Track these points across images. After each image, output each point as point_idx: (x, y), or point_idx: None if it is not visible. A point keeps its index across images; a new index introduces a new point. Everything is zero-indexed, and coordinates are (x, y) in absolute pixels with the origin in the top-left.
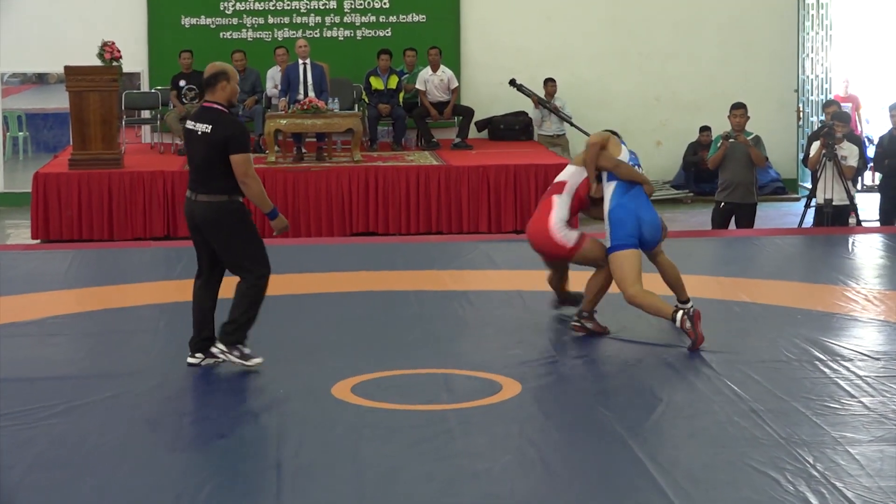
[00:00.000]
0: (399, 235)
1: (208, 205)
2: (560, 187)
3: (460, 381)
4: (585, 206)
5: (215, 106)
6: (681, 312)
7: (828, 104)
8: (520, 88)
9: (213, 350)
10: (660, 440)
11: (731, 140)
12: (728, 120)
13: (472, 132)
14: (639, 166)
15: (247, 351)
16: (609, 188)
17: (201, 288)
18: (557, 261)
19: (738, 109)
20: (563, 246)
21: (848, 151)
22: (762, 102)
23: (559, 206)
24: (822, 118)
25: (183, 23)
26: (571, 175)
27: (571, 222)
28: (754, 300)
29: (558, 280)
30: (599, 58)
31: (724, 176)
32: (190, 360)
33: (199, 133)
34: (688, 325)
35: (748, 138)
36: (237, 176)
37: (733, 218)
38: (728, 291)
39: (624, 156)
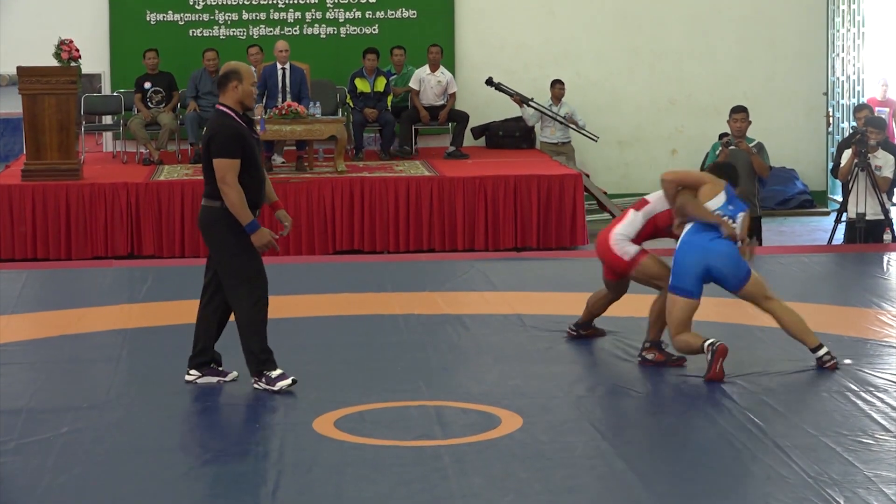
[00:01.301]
0: (387, 254)
1: (203, 209)
2: (641, 205)
3: (454, 414)
4: (661, 234)
5: (220, 107)
6: (707, 343)
7: (859, 108)
8: (498, 87)
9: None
10: (677, 481)
11: (731, 147)
12: (727, 125)
13: (468, 139)
14: (740, 212)
15: (273, 375)
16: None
17: (206, 302)
18: (615, 281)
19: (739, 113)
20: (620, 258)
21: (883, 161)
22: (787, 106)
23: (628, 222)
24: (854, 124)
25: (148, 19)
26: (657, 199)
27: (635, 241)
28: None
29: (600, 305)
30: (607, 56)
31: None
32: (186, 376)
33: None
34: (708, 357)
35: (750, 145)
36: (217, 180)
37: None
38: (749, 315)
39: (718, 201)
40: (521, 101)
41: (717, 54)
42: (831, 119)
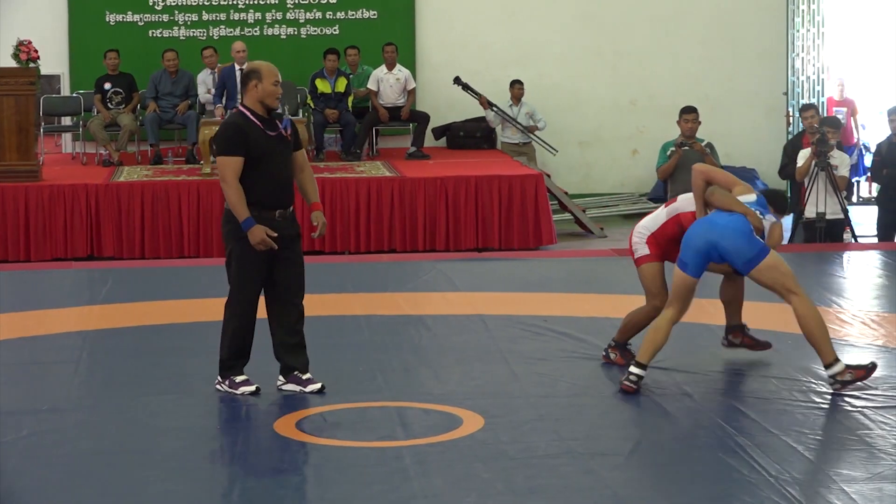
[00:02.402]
0: (348, 254)
1: (224, 210)
2: (669, 203)
3: (416, 415)
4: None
5: (239, 107)
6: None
7: (805, 108)
8: (465, 87)
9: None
10: (639, 480)
11: (685, 148)
12: (678, 125)
13: (429, 140)
14: (768, 215)
15: (238, 380)
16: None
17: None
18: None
19: (690, 114)
20: (631, 251)
21: (839, 160)
22: (748, 107)
23: (653, 216)
24: (802, 125)
25: (108, 20)
26: (684, 199)
27: (656, 238)
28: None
29: (732, 306)
30: (569, 57)
31: (674, 188)
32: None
33: None
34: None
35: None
36: (219, 178)
37: None
38: (708, 314)
39: (747, 199)
40: (488, 103)
41: (678, 55)
42: (791, 119)
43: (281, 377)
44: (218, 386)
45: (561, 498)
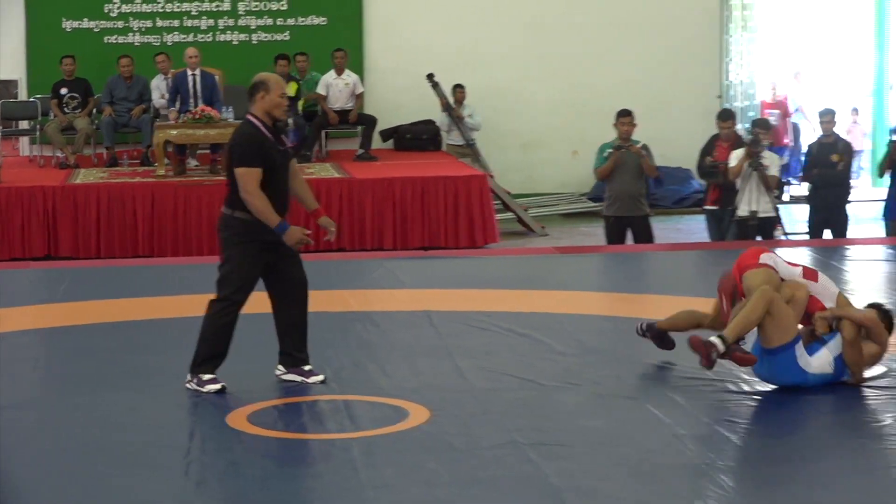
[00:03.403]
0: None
1: (221, 215)
2: (810, 274)
3: (364, 407)
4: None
5: (248, 117)
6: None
7: (724, 116)
8: (435, 86)
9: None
10: (578, 470)
11: (622, 150)
12: (615, 128)
13: (377, 142)
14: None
15: (205, 378)
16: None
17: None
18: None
19: (626, 117)
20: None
21: (769, 160)
22: (684, 109)
23: (788, 269)
24: (748, 126)
25: (64, 26)
26: (823, 288)
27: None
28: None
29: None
30: (513, 62)
31: (612, 189)
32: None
33: None
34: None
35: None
36: (239, 190)
37: (630, 233)
38: (649, 310)
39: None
40: (446, 108)
41: (617, 60)
42: None
43: (281, 367)
44: (187, 384)
45: (504, 487)
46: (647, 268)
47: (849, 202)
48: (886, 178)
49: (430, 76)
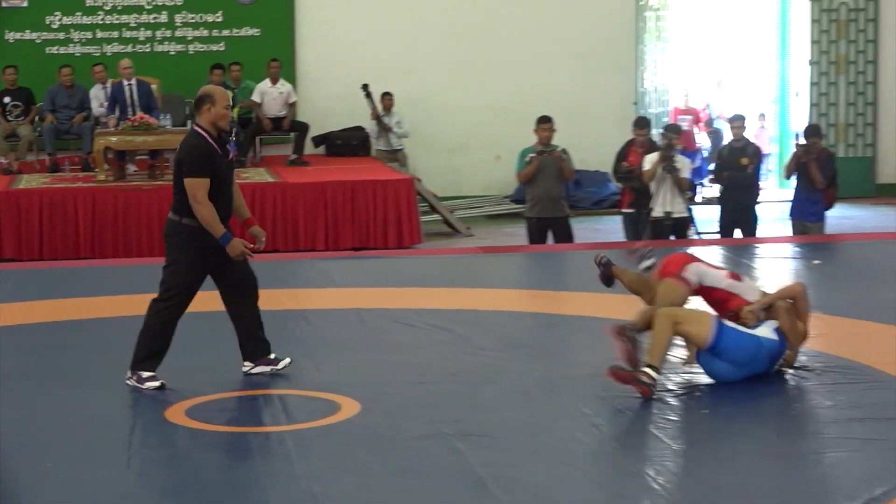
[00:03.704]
0: None
1: (168, 221)
2: (734, 276)
3: (298, 401)
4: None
5: (194, 127)
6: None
7: (640, 123)
8: (368, 96)
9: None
10: (501, 459)
11: (543, 155)
12: (535, 134)
13: (309, 148)
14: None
15: (145, 375)
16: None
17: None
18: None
19: (546, 123)
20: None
21: (681, 164)
22: (601, 115)
23: (714, 275)
24: (661, 132)
25: (7, 38)
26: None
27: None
28: (591, 314)
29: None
30: (439, 70)
31: (533, 191)
32: (244, 369)
33: None
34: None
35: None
36: (188, 198)
37: (550, 233)
38: (569, 306)
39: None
40: (376, 117)
41: (539, 67)
42: None
43: (248, 363)
44: (127, 381)
45: (431, 476)
46: (567, 266)
47: (757, 203)
48: (793, 180)
49: (365, 86)
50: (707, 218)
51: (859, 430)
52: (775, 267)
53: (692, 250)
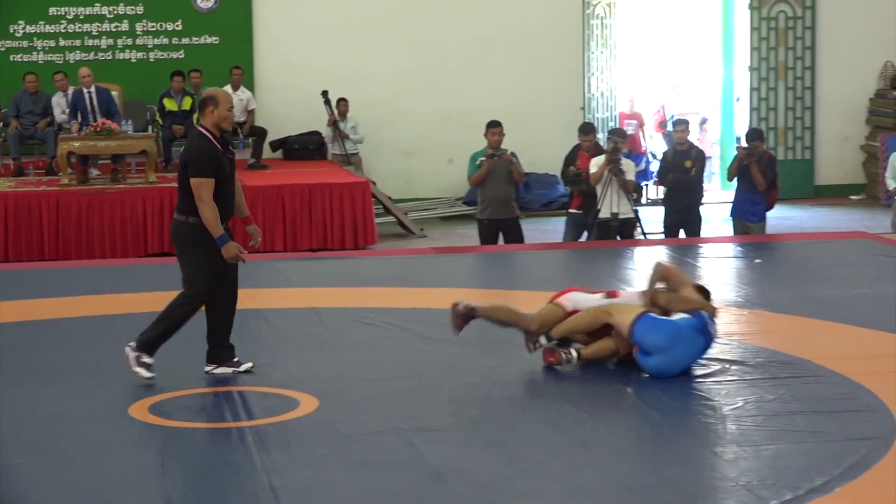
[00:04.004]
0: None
1: (172, 222)
2: (614, 294)
3: (258, 398)
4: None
5: (198, 128)
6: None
7: (586, 130)
8: (326, 102)
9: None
10: (456, 452)
11: (493, 158)
12: (485, 138)
13: (267, 152)
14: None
15: (148, 361)
16: None
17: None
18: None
19: (496, 127)
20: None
21: (626, 166)
22: (550, 119)
23: (593, 298)
24: (607, 135)
25: None
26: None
27: None
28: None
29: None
30: (392, 77)
31: (484, 194)
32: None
33: None
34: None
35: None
36: (194, 198)
37: (501, 234)
38: (520, 304)
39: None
40: (334, 123)
41: (489, 74)
42: None
43: (212, 364)
44: (128, 349)
45: (388, 469)
46: (518, 266)
47: (702, 204)
48: (735, 182)
49: (325, 93)
50: (652, 219)
51: (800, 422)
52: (718, 266)
53: (637, 250)
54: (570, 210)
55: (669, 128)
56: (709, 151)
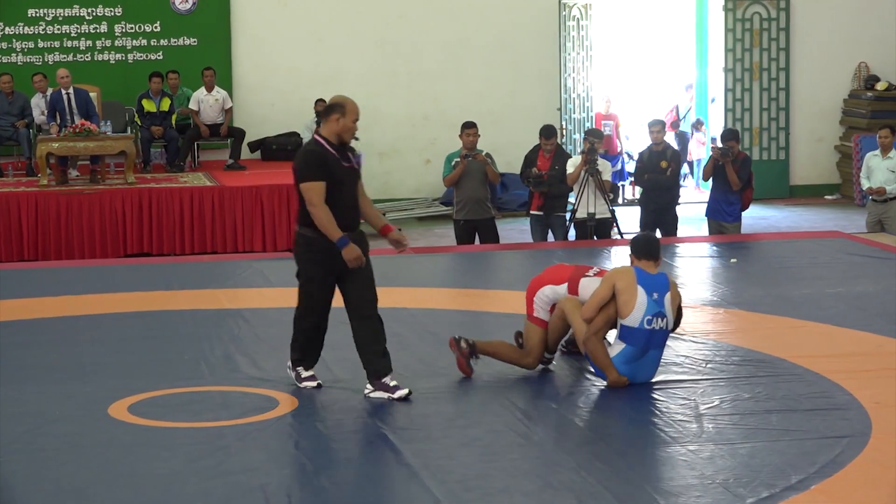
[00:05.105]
0: (174, 256)
1: (295, 234)
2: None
3: (237, 398)
4: None
5: (314, 136)
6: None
7: (548, 134)
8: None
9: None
10: (433, 451)
11: (468, 159)
12: (460, 139)
13: (245, 153)
14: (664, 294)
15: (305, 374)
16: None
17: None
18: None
19: (471, 129)
20: (531, 307)
21: (602, 167)
22: (527, 120)
23: (558, 291)
24: (584, 136)
25: None
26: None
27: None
28: (517, 311)
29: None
30: (369, 78)
31: (460, 194)
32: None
33: None
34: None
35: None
36: (306, 203)
37: (477, 234)
38: (496, 304)
39: (640, 307)
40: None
41: (465, 75)
42: (564, 131)
43: (369, 385)
44: (288, 370)
45: (366, 468)
46: (494, 266)
47: (678, 204)
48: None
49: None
50: (629, 219)
51: (776, 421)
52: (694, 265)
53: (614, 250)
54: (531, 211)
55: (683, 128)
56: (701, 152)
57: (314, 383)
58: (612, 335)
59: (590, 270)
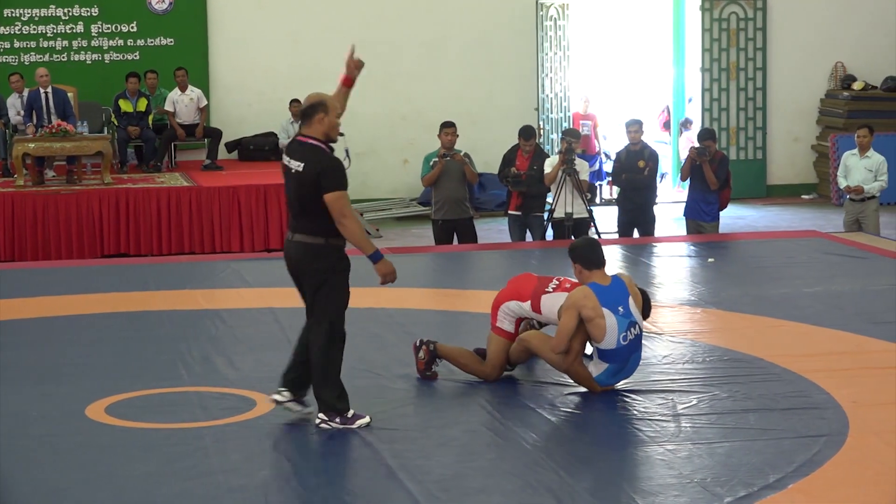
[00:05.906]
0: (151, 256)
1: (303, 246)
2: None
3: (214, 398)
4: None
5: (309, 140)
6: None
7: (527, 135)
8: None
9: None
10: (410, 451)
11: (446, 159)
12: (439, 139)
13: (222, 153)
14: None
15: (349, 415)
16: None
17: (304, 329)
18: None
19: (449, 128)
20: (495, 318)
21: (580, 167)
22: (504, 120)
23: (523, 308)
24: (561, 136)
25: None
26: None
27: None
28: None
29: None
30: None
31: (438, 194)
32: (275, 396)
33: (293, 171)
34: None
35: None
36: (333, 215)
37: (455, 234)
38: (473, 304)
39: (611, 330)
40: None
41: (443, 75)
42: (542, 131)
43: (284, 390)
44: (324, 424)
45: (344, 468)
46: (472, 266)
47: (655, 204)
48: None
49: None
50: (607, 218)
51: (754, 420)
52: (672, 265)
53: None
54: (510, 211)
55: (674, 129)
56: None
57: (366, 419)
58: (588, 348)
59: (549, 284)
